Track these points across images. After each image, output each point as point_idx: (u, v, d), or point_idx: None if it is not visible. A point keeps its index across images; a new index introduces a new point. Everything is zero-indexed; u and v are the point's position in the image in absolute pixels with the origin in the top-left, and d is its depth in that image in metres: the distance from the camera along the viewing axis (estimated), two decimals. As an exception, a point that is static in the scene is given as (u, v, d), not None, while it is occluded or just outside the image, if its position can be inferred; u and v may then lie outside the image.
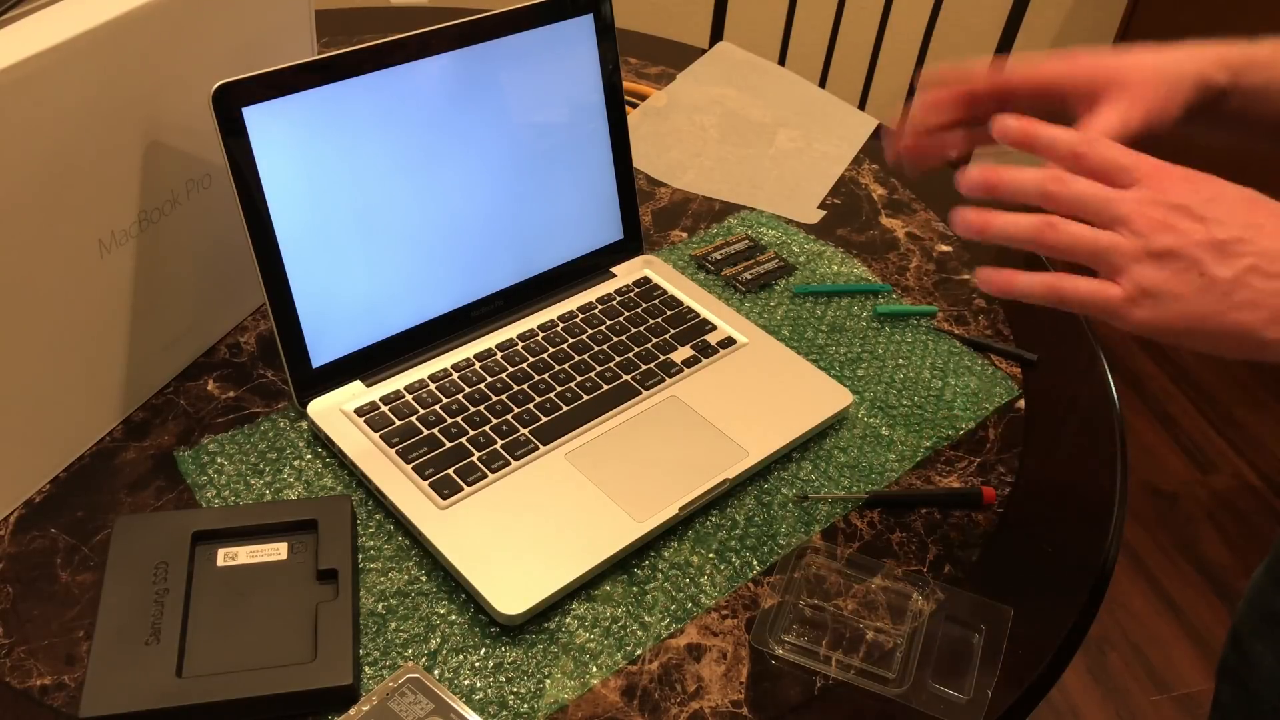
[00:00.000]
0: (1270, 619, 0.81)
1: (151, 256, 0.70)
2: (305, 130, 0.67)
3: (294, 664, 0.57)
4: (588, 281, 0.84)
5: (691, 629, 0.63)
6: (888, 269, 0.93)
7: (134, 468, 0.69)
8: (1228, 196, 0.53)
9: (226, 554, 0.62)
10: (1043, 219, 0.54)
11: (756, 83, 1.18)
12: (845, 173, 1.05)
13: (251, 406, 0.74)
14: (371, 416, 0.71)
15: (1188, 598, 1.73)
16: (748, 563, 0.67)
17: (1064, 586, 0.68)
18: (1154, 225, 0.52)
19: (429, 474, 0.67)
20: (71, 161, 0.61)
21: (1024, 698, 0.61)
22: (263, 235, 0.67)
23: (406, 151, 0.72)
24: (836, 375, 0.81)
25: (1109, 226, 0.53)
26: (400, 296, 0.74)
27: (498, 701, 0.58)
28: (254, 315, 0.82)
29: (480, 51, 0.74)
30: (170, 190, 0.70)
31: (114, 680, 0.55)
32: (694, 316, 0.82)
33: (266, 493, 0.68)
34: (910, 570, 0.68)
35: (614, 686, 0.60)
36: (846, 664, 0.62)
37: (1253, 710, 0.83)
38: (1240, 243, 0.51)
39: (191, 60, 0.68)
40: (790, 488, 0.72)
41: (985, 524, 0.71)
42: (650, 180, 1.02)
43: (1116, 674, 1.61)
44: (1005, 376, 0.83)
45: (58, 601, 0.61)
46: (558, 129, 0.80)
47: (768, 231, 0.96)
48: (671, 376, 0.77)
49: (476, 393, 0.74)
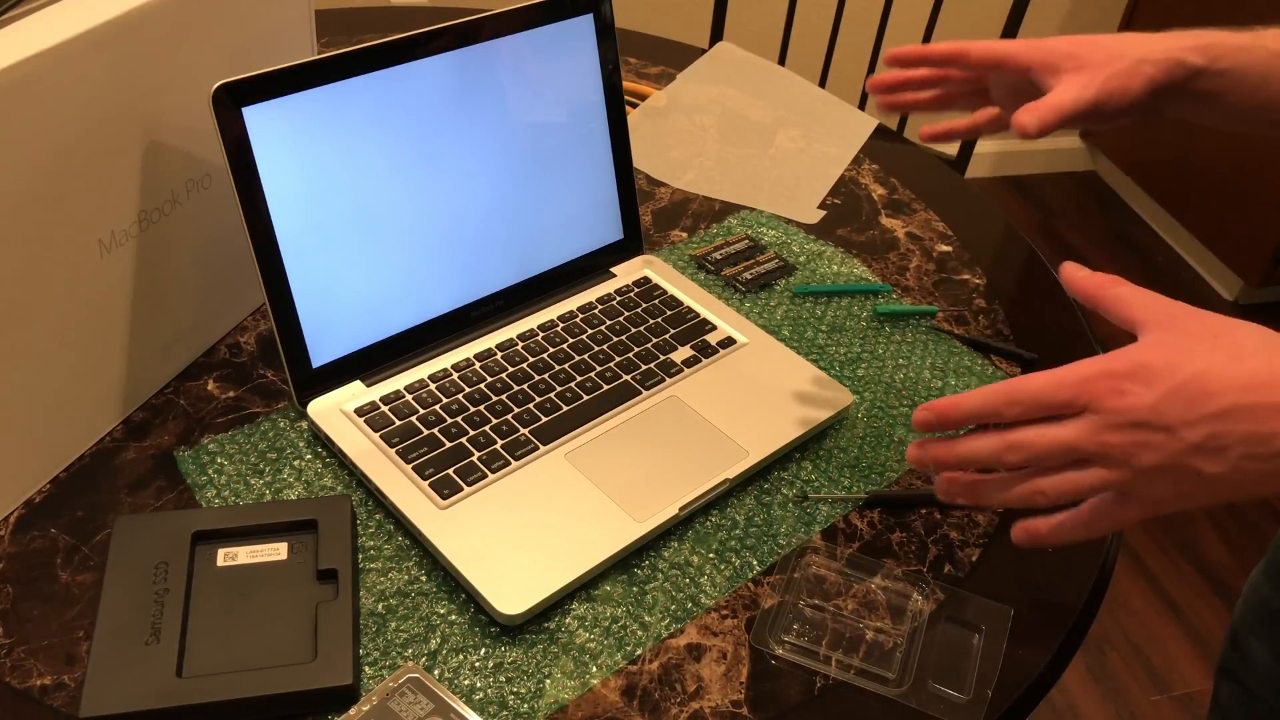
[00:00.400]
0: (1269, 618, 0.81)
1: (151, 256, 0.70)
2: (305, 130, 0.67)
3: (294, 664, 0.57)
4: (588, 281, 0.84)
5: (691, 629, 0.63)
6: (888, 269, 0.93)
7: (134, 468, 0.69)
8: (1170, 390, 0.50)
9: (226, 554, 0.62)
10: (1030, 486, 0.55)
11: (756, 83, 1.18)
12: (845, 173, 1.05)
13: (251, 406, 0.74)
14: (371, 416, 0.71)
15: (1188, 598, 1.73)
16: (748, 563, 0.67)
17: (1064, 586, 0.68)
18: (1128, 450, 0.51)
19: (429, 474, 0.67)
20: (71, 161, 0.61)
21: (1024, 698, 0.61)
22: (263, 235, 0.67)
23: (407, 151, 0.72)
24: (836, 375, 0.81)
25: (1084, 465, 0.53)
26: (400, 296, 0.74)
27: (498, 701, 0.58)
28: (254, 315, 0.82)
29: (480, 51, 0.74)
30: (170, 190, 0.70)
31: (114, 680, 0.55)
32: (694, 316, 0.82)
33: (266, 493, 0.68)
34: (910, 570, 0.68)
35: (614, 686, 0.60)
36: (846, 664, 0.62)
37: (1251, 709, 0.83)
38: (1216, 438, 0.50)
39: (191, 60, 0.68)
40: (790, 488, 0.72)
41: (985, 524, 0.71)
42: (650, 180, 1.02)
43: (1116, 674, 1.61)
44: (1005, 376, 0.83)
45: (58, 601, 0.61)
46: (558, 129, 0.80)
47: (768, 231, 0.96)
48: (671, 376, 0.77)
49: (476, 393, 0.74)
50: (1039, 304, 0.92)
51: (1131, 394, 0.51)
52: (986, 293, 0.92)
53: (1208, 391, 0.50)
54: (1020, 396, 0.53)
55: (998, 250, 0.98)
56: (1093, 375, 0.52)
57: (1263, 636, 0.82)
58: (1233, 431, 0.49)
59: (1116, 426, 0.51)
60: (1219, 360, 0.50)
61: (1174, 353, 0.51)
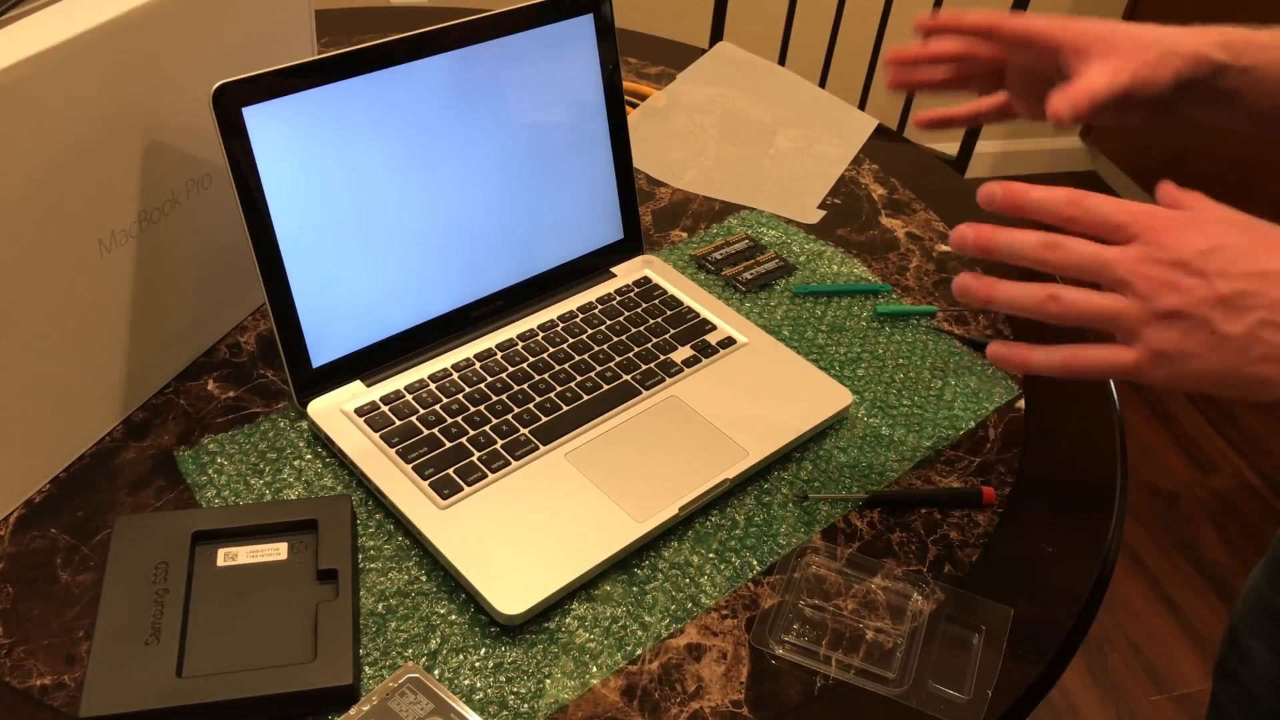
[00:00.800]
0: (1268, 618, 0.81)
1: (151, 256, 0.70)
2: (305, 130, 0.67)
3: (294, 664, 0.57)
4: (588, 281, 0.84)
5: (691, 629, 0.63)
6: (888, 269, 0.93)
7: (134, 468, 0.69)
8: (1228, 243, 0.51)
9: (226, 554, 0.62)
10: (1045, 292, 0.54)
11: (756, 83, 1.18)
12: (845, 173, 1.05)
13: (251, 406, 0.74)
14: (371, 416, 0.71)
15: (1187, 598, 1.73)
16: (748, 563, 0.67)
17: (1064, 586, 0.68)
18: (1156, 286, 0.51)
19: (429, 474, 0.67)
20: (71, 161, 0.61)
21: (1024, 698, 0.61)
22: (263, 235, 0.67)
23: (406, 151, 0.72)
24: (836, 375, 0.81)
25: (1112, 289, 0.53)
26: (400, 296, 0.74)
27: (498, 701, 0.58)
28: (254, 315, 0.82)
29: (480, 51, 0.74)
30: (170, 190, 0.70)
31: (114, 680, 0.55)
32: (694, 316, 0.82)
33: (266, 493, 0.68)
34: (910, 570, 0.68)
35: (614, 686, 0.60)
36: (846, 664, 0.62)
37: (1251, 709, 0.83)
38: (1246, 295, 0.50)
39: (191, 60, 0.68)
40: (790, 488, 0.72)
41: (985, 524, 0.71)
42: (650, 180, 1.02)
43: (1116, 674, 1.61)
44: (1005, 376, 0.83)
45: (58, 601, 0.61)
46: (558, 129, 0.80)
47: (768, 231, 0.96)
48: (671, 376, 0.77)
49: (476, 393, 0.74)
50: (1039, 304, 0.92)
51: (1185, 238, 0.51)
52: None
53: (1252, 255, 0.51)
54: (1085, 201, 0.53)
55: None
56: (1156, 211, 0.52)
57: (1262, 637, 0.82)
58: (1263, 293, 0.50)
59: (1156, 261, 0.51)
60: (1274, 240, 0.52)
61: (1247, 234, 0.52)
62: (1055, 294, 0.53)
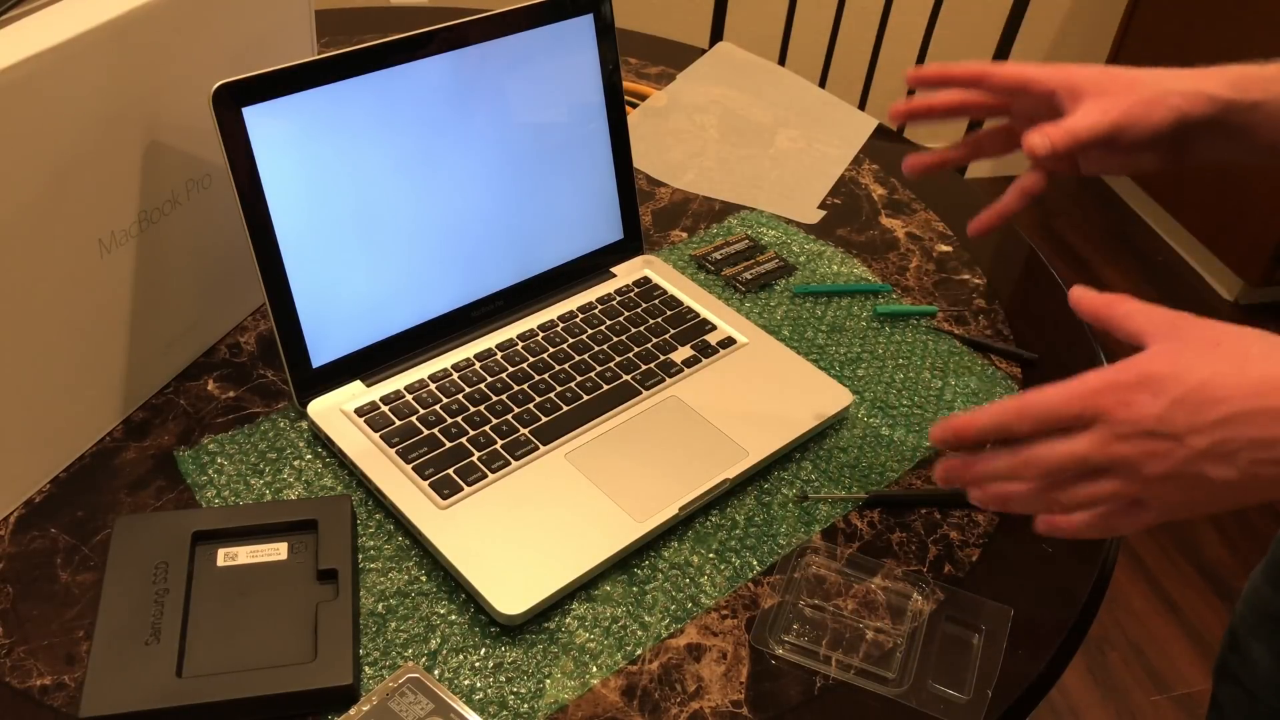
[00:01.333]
0: (1268, 620, 0.81)
1: (151, 256, 0.70)
2: (305, 130, 0.67)
3: (294, 664, 0.57)
4: (588, 281, 0.84)
5: (691, 629, 0.63)
6: (888, 269, 0.93)
7: (134, 468, 0.69)
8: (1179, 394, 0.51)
9: (226, 554, 0.62)
10: (1044, 496, 0.55)
11: (756, 83, 1.18)
12: (845, 173, 1.05)
13: (251, 406, 0.74)
14: (371, 416, 0.71)
15: (1187, 598, 1.73)
16: (748, 563, 0.67)
17: (1064, 586, 0.68)
18: (1138, 459, 0.51)
19: (429, 474, 0.67)
20: (72, 161, 0.61)
21: (1024, 698, 0.61)
22: (263, 235, 0.67)
23: (406, 151, 0.72)
24: (836, 375, 0.81)
25: None
26: (400, 296, 0.74)
27: (498, 701, 0.58)
28: (254, 315, 0.82)
29: (480, 51, 0.74)
30: (170, 190, 0.70)
31: (114, 680, 0.55)
32: (694, 316, 0.82)
33: (266, 493, 0.68)
34: (910, 570, 0.68)
35: (614, 686, 0.60)
36: (846, 664, 0.62)
37: (1250, 710, 0.83)
38: (1225, 444, 0.50)
39: (191, 60, 0.68)
40: (790, 488, 0.72)
41: (985, 524, 0.71)
42: (650, 180, 1.02)
43: (1116, 674, 1.61)
44: (1005, 376, 0.83)
45: (58, 601, 0.61)
46: (558, 129, 0.80)
47: (768, 231, 0.96)
48: (671, 376, 0.77)
49: (476, 393, 0.74)
50: (1039, 304, 0.92)
51: (1139, 404, 0.51)
52: (986, 293, 0.92)
53: (1213, 398, 0.50)
54: (1030, 412, 0.54)
55: (998, 250, 0.98)
56: (1100, 387, 0.52)
57: (1262, 638, 0.82)
58: (1239, 437, 0.50)
59: (1125, 437, 0.51)
60: (1224, 368, 0.50)
61: (1179, 361, 0.51)
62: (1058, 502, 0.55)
